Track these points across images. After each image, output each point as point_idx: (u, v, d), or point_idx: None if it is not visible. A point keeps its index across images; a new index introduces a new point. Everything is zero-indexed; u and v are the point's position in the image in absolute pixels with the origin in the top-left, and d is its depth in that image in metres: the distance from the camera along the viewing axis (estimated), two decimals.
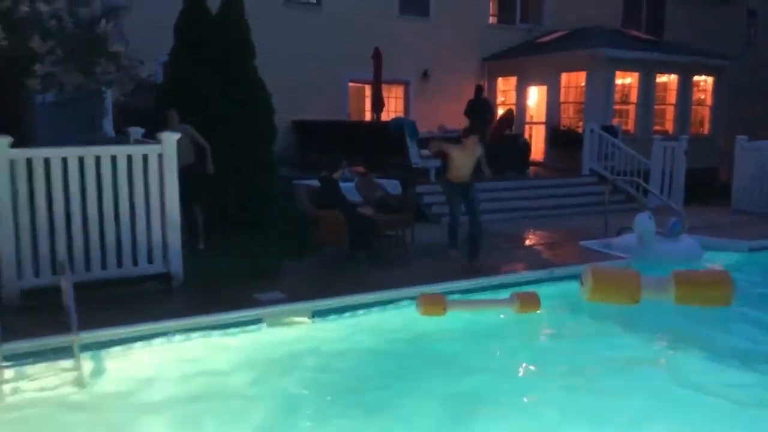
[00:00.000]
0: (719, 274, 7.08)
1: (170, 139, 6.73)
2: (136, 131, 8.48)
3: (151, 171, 6.69)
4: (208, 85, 8.25)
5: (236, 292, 6.66)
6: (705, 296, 6.65)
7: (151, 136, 7.36)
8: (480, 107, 14.64)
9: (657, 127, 16.57)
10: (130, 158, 6.61)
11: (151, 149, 6.72)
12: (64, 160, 6.29)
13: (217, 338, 5.84)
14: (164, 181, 6.75)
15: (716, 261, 8.68)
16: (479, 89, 15.31)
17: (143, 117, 8.91)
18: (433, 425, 4.59)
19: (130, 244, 6.70)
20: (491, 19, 18.39)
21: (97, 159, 6.43)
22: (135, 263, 6.75)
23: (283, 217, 9.45)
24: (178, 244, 6.88)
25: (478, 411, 4.79)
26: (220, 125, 8.28)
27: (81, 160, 6.35)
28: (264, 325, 6.09)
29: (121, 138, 8.57)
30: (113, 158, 6.52)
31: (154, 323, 5.76)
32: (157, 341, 5.68)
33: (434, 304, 6.17)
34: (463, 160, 8.18)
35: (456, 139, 14.39)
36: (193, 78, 8.40)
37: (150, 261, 6.83)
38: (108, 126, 9.58)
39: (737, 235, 9.99)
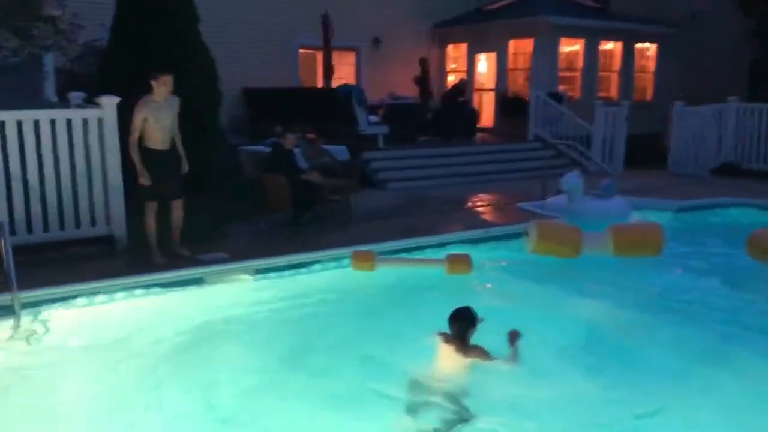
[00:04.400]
0: (650, 226, 7.49)
1: (110, 103, 6.81)
2: (76, 96, 8.48)
3: (91, 135, 6.78)
4: (150, 50, 8.24)
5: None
6: (638, 246, 7.10)
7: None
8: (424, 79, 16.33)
9: (602, 94, 17.02)
10: (69, 122, 6.68)
11: (91, 113, 6.80)
12: (2, 124, 6.34)
13: (158, 297, 6.01)
14: (105, 145, 6.84)
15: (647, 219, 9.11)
16: (423, 61, 16.57)
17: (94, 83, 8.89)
18: (367, 380, 4.69)
19: (72, 206, 6.80)
20: None
21: (36, 123, 6.49)
22: (77, 226, 6.86)
23: (231, 184, 9.59)
24: (121, 207, 6.99)
25: (407, 368, 4.86)
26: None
27: (19, 124, 6.40)
28: (206, 285, 6.27)
29: (63, 103, 8.56)
30: (52, 122, 6.59)
31: (96, 282, 5.90)
32: (99, 299, 5.81)
33: (364, 260, 6.45)
34: None
35: (406, 106, 14.78)
36: (135, 42, 8.39)
37: (93, 224, 6.94)
38: (50, 91, 9.51)
39: (669, 196, 10.44)
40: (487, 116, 17.46)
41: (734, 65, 19.40)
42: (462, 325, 4.57)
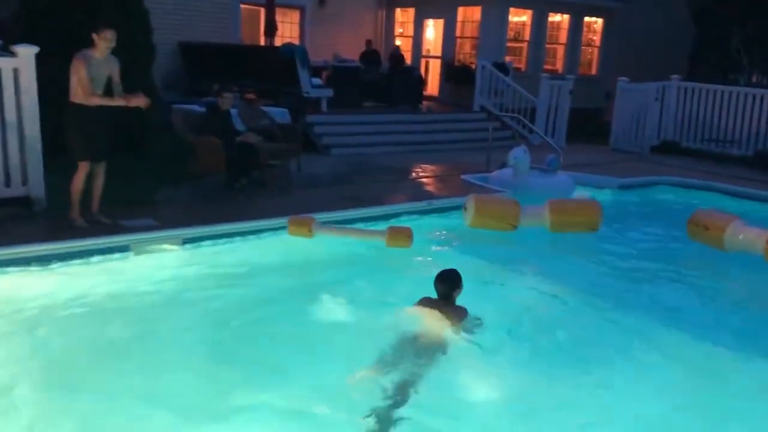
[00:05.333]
0: (588, 203, 7.47)
1: (28, 53, 6.24)
2: None
3: (6, 87, 6.21)
4: None
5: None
6: (576, 222, 7.07)
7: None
8: (370, 56, 15.70)
9: (548, 66, 16.96)
10: None
11: (5, 63, 6.21)
12: None
13: (78, 266, 5.59)
14: (21, 99, 6.29)
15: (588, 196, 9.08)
16: (369, 42, 16.31)
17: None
18: (298, 353, 4.57)
19: None
20: None
21: None
22: None
23: (163, 144, 9.06)
24: (39, 167, 6.47)
25: (342, 336, 4.79)
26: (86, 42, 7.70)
27: None
28: (131, 254, 5.87)
29: None
30: None
31: (11, 248, 5.44)
32: (12, 269, 5.37)
33: (301, 225, 6.18)
34: None
35: (351, 69, 14.38)
36: None
37: (7, 184, 6.42)
38: None
39: (610, 172, 10.46)
40: (433, 84, 17.22)
41: (678, 43, 19.60)
42: (448, 286, 4.66)
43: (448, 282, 4.69)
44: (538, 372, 4.48)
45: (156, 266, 5.85)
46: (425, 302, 4.73)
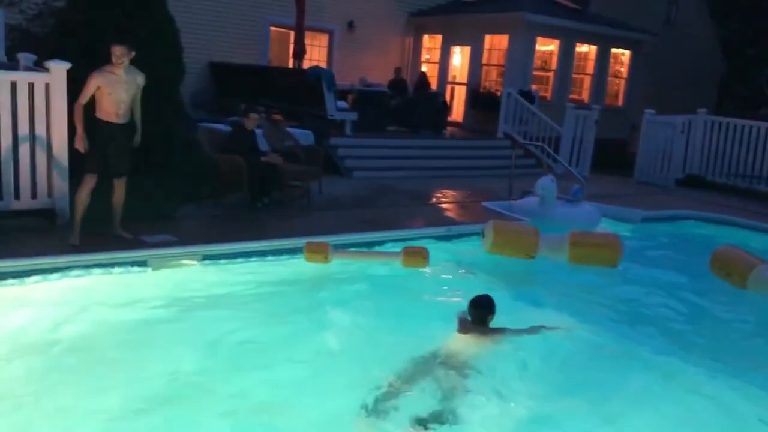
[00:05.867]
0: (610, 238, 7.39)
1: (59, 68, 6.38)
2: (27, 58, 7.98)
3: (38, 101, 6.35)
4: (108, 15, 7.78)
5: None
6: (595, 257, 7.01)
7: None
8: (398, 84, 15.74)
9: (573, 96, 16.91)
10: (14, 86, 6.24)
11: (38, 78, 6.36)
12: None
13: (98, 278, 5.64)
14: (51, 113, 6.42)
15: (611, 228, 8.99)
16: (398, 70, 16.34)
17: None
18: (313, 373, 4.57)
19: (12, 176, 6.37)
20: None
21: None
22: (17, 197, 6.44)
23: (188, 161, 9.16)
24: (65, 180, 6.57)
25: (358, 358, 4.79)
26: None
27: None
28: (149, 268, 5.92)
29: (12, 64, 8.06)
30: None
31: (31, 259, 5.52)
32: (34, 278, 5.45)
33: (316, 251, 6.19)
34: None
35: (376, 93, 14.50)
36: (94, 6, 7.90)
37: (34, 196, 6.53)
38: None
39: (634, 204, 10.35)
40: (458, 110, 17.26)
41: (706, 76, 19.51)
42: (482, 312, 4.89)
43: (482, 308, 4.91)
44: (557, 404, 4.42)
45: (173, 282, 5.88)
46: (462, 325, 4.90)
